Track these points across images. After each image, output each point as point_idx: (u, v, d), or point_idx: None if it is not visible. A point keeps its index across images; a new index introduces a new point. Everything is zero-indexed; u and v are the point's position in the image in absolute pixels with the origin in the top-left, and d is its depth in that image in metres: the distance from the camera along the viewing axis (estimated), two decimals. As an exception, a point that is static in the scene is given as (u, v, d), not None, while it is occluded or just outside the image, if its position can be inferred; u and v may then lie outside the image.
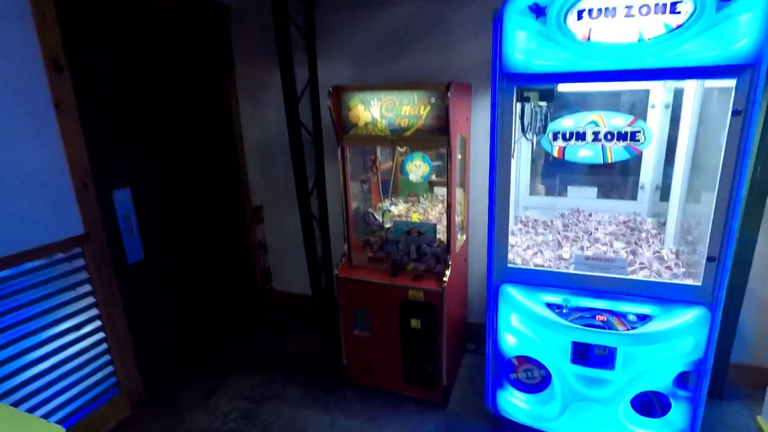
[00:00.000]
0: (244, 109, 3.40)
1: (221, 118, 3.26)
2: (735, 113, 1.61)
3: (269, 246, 3.82)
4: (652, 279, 1.89)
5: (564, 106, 2.30)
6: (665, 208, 2.26)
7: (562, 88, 2.26)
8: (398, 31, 2.86)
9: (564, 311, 1.95)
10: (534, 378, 2.15)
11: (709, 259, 1.73)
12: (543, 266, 2.12)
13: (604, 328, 1.81)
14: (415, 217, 2.84)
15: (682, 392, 1.88)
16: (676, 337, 1.77)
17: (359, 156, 2.86)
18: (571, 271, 1.99)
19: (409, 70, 2.87)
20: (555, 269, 2.04)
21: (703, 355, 1.80)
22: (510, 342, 2.10)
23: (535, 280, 2.03)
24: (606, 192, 2.79)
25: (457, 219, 2.83)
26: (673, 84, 2.23)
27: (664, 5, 1.53)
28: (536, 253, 2.32)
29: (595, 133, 2.17)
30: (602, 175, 2.83)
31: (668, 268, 2.04)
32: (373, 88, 2.34)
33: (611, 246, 2.30)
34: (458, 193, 2.82)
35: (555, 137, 2.26)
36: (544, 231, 2.57)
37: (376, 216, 2.77)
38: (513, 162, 2.12)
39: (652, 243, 2.30)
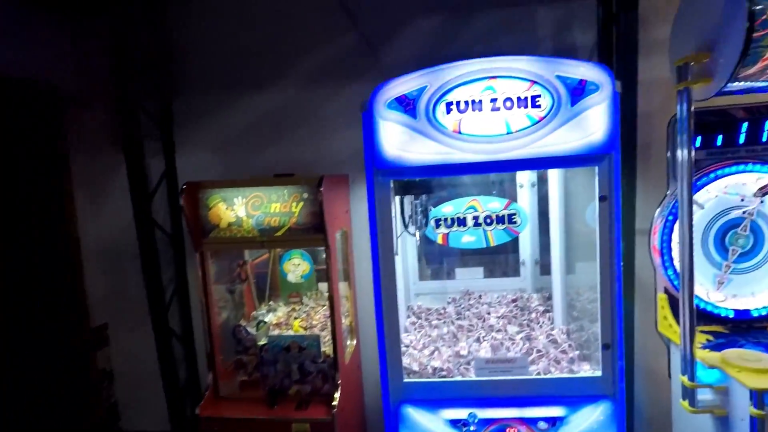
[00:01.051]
0: (83, 206, 2.81)
1: (51, 217, 2.63)
2: (601, 199, 1.63)
3: (116, 374, 3.03)
4: (555, 375, 1.76)
5: (442, 189, 2.25)
6: (548, 282, 2.29)
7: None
8: (269, 120, 2.67)
9: (471, 428, 1.69)
10: None
11: (604, 346, 1.65)
12: (443, 370, 1.89)
13: (518, 445, 1.59)
14: (296, 325, 2.46)
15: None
16: (591, 441, 1.61)
17: (228, 258, 2.45)
18: (473, 378, 1.77)
19: (282, 161, 2.64)
20: (456, 378, 1.81)
21: (619, 454, 1.66)
22: (417, 474, 1.75)
23: (436, 393, 1.77)
24: (492, 270, 2.79)
25: (345, 321, 2.52)
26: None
27: (526, 99, 1.54)
28: (433, 353, 2.10)
29: (475, 218, 2.14)
30: (486, 254, 2.84)
31: (563, 352, 1.99)
32: (237, 184, 2.04)
33: (506, 331, 2.22)
34: (343, 288, 2.54)
35: (438, 224, 2.17)
36: (438, 321, 2.42)
37: (249, 330, 2.33)
38: (398, 257, 1.96)
39: (543, 323, 2.28)
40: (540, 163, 1.62)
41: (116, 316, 2.95)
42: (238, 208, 2.03)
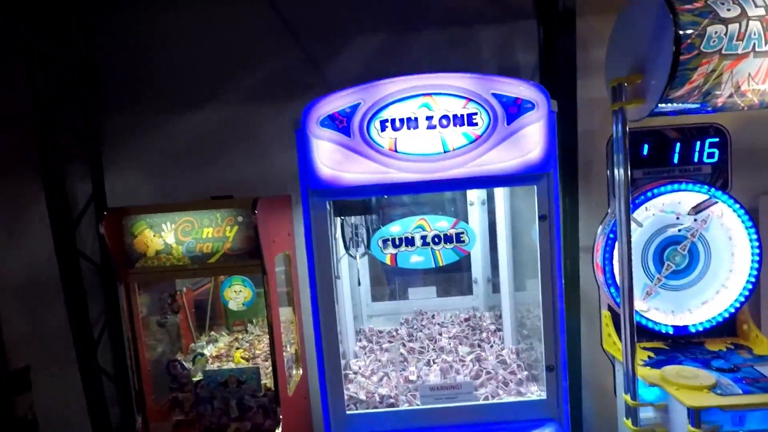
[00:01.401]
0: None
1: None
2: (541, 218, 1.61)
3: (41, 422, 2.73)
4: (501, 400, 1.70)
5: (387, 208, 2.20)
6: (500, 300, 2.26)
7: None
8: (209, 140, 2.54)
9: (418, 462, 1.60)
10: None
11: (548, 368, 1.62)
12: (391, 398, 1.80)
13: (465, 478, 1.51)
14: (237, 357, 2.30)
15: None
16: (539, 469, 1.56)
17: (160, 289, 2.28)
18: (418, 406, 1.68)
19: (222, 182, 2.48)
20: (401, 407, 1.72)
21: (568, 480, 1.61)
22: None
23: (379, 425, 1.67)
24: (445, 289, 2.76)
25: (290, 350, 2.38)
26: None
27: (462, 116, 1.52)
28: (382, 379, 2.01)
29: (423, 238, 2.09)
30: (439, 273, 2.83)
31: (512, 373, 1.96)
32: (164, 209, 1.89)
33: (456, 353, 2.17)
34: (287, 314, 2.42)
35: (385, 244, 2.10)
36: (389, 344, 2.34)
37: (185, 364, 2.15)
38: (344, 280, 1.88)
39: (494, 343, 2.25)
40: (478, 182, 1.59)
41: (39, 357, 2.67)
42: (166, 234, 1.89)
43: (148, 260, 1.91)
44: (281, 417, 1.92)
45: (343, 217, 1.89)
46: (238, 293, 2.42)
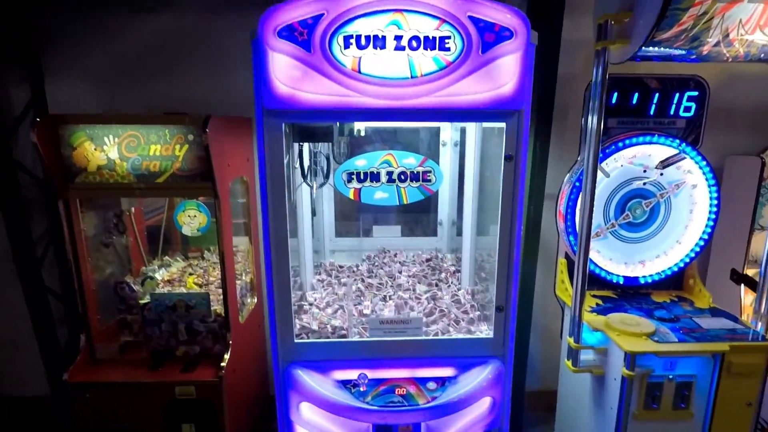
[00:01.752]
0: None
1: None
2: (507, 158, 1.55)
3: (-13, 337, 2.66)
4: (447, 336, 1.72)
5: (351, 139, 2.10)
6: (462, 243, 2.26)
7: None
8: (163, 49, 2.29)
9: (361, 389, 1.62)
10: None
11: (498, 308, 1.63)
12: (343, 329, 1.81)
13: (404, 405, 1.54)
14: (190, 282, 2.25)
15: (489, 456, 1.73)
16: (477, 399, 1.61)
17: (108, 207, 2.15)
18: (367, 338, 1.69)
19: (177, 98, 2.30)
20: (351, 338, 1.72)
21: (503, 410, 1.68)
22: (305, 436, 1.68)
23: (327, 354, 1.67)
24: (411, 229, 2.74)
25: (245, 278, 2.34)
26: (459, 123, 2.22)
27: (434, 39, 1.39)
28: (336, 312, 2.01)
29: (389, 174, 2.01)
30: (406, 212, 2.81)
31: (465, 312, 1.98)
32: (106, 121, 1.73)
33: (414, 290, 2.18)
34: (244, 243, 2.35)
35: (350, 178, 2.02)
36: (348, 278, 2.33)
37: (134, 287, 2.09)
38: (305, 207, 1.80)
39: (451, 283, 2.27)
40: (446, 115, 1.49)
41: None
42: (109, 149, 1.74)
43: (90, 175, 1.77)
44: (230, 342, 1.91)
45: (302, 144, 1.77)
46: (192, 218, 2.32)
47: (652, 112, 2.01)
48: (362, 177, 2.03)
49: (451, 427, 1.63)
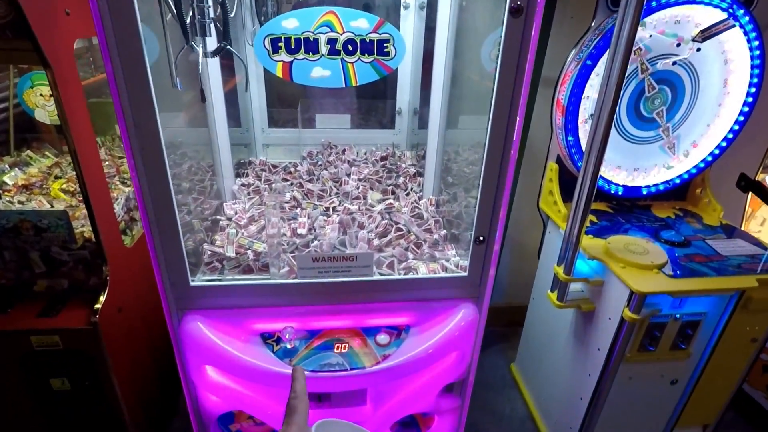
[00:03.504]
0: None
1: None
2: (513, 10, 0.96)
3: None
4: (409, 275, 1.27)
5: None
6: (425, 137, 1.76)
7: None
8: None
9: (288, 345, 1.19)
10: (265, 424, 1.42)
11: (477, 240, 1.17)
12: (264, 255, 1.32)
13: (345, 368, 1.14)
14: (56, 189, 1.62)
15: (447, 404, 1.43)
16: (441, 356, 1.23)
17: None
18: (296, 279, 1.20)
19: None
20: (271, 279, 1.23)
21: (470, 361, 1.33)
22: (215, 401, 1.27)
23: (238, 300, 1.20)
24: (363, 119, 2.20)
25: (126, 190, 1.74)
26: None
27: None
28: (262, 230, 1.51)
29: (331, 42, 1.35)
30: (357, 98, 2.23)
31: (428, 230, 1.54)
32: None
33: (364, 199, 1.72)
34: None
35: (276, 48, 1.35)
36: (285, 181, 1.83)
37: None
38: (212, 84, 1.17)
39: (411, 189, 1.81)
40: None
41: None
42: None
43: None
44: (107, 276, 1.38)
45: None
46: (47, 99, 1.62)
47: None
48: (293, 45, 1.36)
49: (404, 386, 1.27)
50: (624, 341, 1.32)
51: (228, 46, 1.14)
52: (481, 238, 1.16)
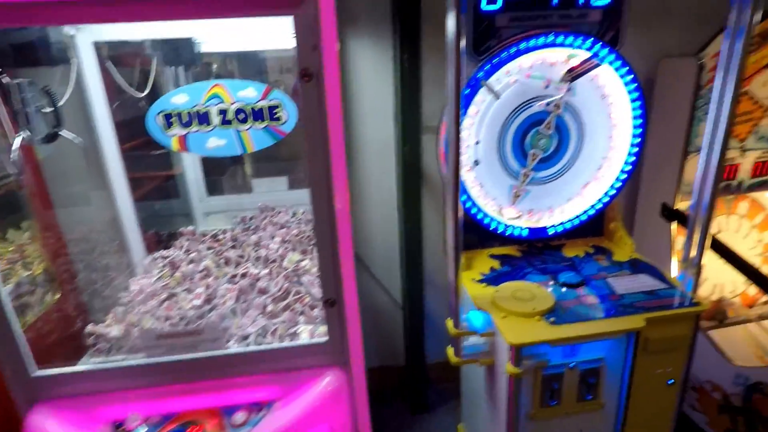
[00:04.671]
0: None
1: None
2: (303, 76, 0.98)
3: None
4: (262, 347, 1.21)
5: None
6: None
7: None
8: None
9: (140, 433, 1.12)
10: None
11: (328, 303, 1.12)
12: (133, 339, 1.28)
13: (198, 454, 1.06)
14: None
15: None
16: (309, 429, 1.14)
17: None
18: (143, 360, 1.15)
19: None
20: (116, 362, 1.18)
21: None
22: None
23: (89, 387, 1.14)
24: (300, 180, 2.23)
25: (36, 269, 1.74)
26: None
27: None
28: (163, 304, 1.49)
29: (223, 113, 1.39)
30: (291, 161, 2.26)
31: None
32: None
33: (281, 262, 1.68)
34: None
35: (169, 123, 1.39)
36: (208, 250, 1.82)
37: None
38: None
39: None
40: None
41: None
42: None
43: None
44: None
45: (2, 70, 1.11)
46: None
47: (555, 1, 1.44)
48: (186, 120, 1.41)
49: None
50: (516, 396, 1.22)
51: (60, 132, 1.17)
52: (331, 301, 1.11)
